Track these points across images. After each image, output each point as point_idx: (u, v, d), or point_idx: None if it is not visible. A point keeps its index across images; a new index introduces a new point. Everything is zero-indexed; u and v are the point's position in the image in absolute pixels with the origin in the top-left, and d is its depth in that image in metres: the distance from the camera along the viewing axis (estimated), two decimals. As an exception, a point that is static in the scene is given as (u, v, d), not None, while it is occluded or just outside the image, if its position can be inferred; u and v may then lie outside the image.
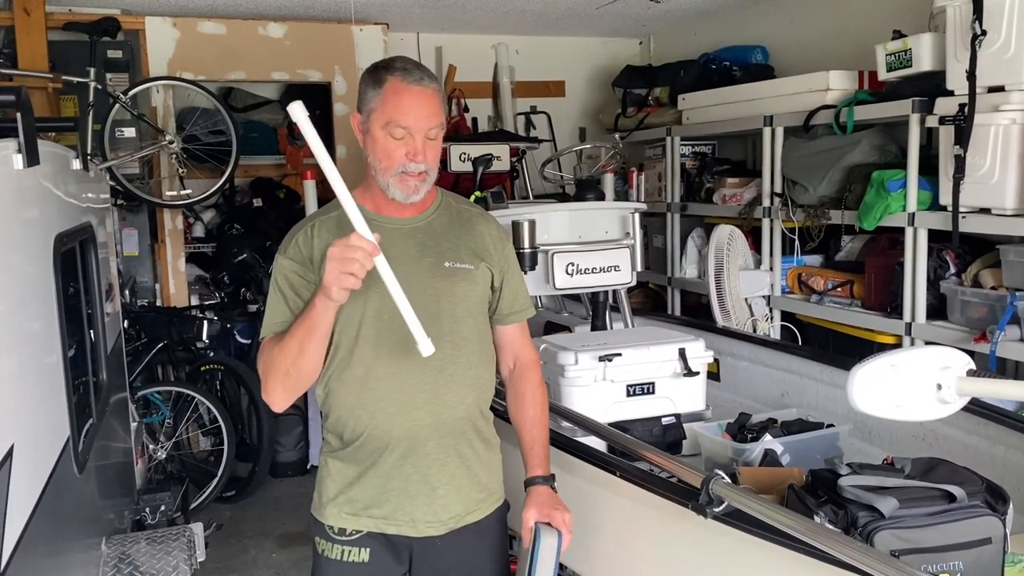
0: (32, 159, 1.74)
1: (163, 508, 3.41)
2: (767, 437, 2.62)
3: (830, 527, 1.70)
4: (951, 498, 1.77)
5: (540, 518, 1.84)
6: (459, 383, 1.83)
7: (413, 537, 1.84)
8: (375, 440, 1.81)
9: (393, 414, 1.79)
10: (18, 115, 1.69)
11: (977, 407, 2.44)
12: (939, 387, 1.41)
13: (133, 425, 3.67)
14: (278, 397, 1.77)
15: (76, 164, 2.49)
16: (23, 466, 1.52)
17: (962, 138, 3.19)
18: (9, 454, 1.44)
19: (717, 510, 1.70)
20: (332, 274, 1.56)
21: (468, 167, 4.30)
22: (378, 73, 1.80)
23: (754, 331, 4.07)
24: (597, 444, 2.44)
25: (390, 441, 1.81)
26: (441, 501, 1.84)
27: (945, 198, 3.34)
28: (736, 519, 1.73)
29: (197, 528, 2.82)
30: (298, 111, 1.50)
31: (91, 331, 2.60)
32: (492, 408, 1.95)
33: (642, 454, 2.08)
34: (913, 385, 1.41)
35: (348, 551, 1.83)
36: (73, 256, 2.37)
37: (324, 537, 1.85)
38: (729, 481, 1.71)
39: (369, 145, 1.80)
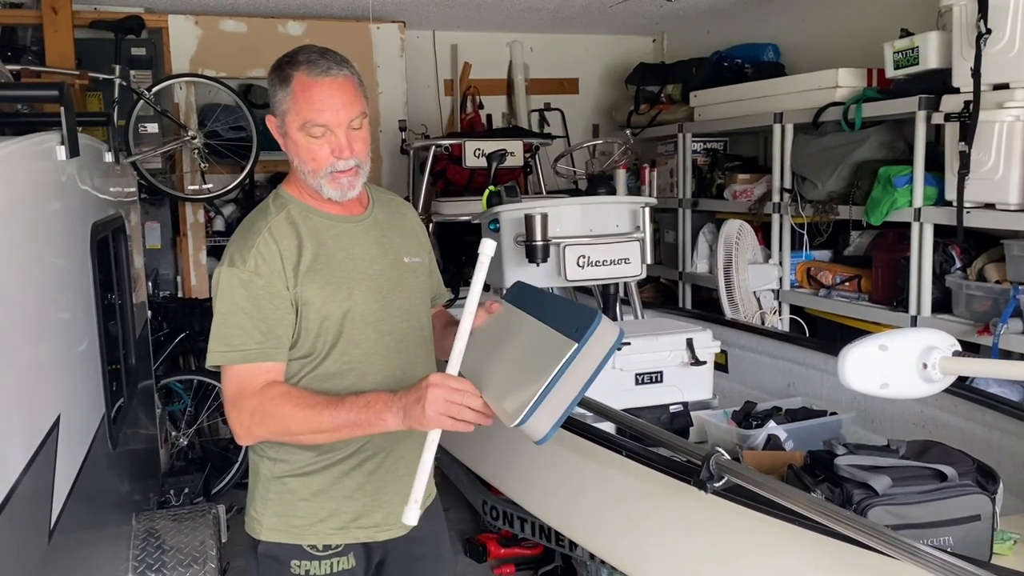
0: (73, 151, 1.85)
1: (187, 491, 3.53)
2: (771, 424, 2.70)
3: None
4: (943, 477, 1.85)
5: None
6: (428, 372, 1.75)
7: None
8: (372, 449, 1.76)
9: None
10: (61, 109, 1.80)
11: (975, 394, 2.52)
12: (925, 366, 1.49)
13: (157, 412, 3.79)
14: (253, 439, 1.66)
15: (109, 157, 2.60)
16: (67, 436, 1.63)
17: (967, 135, 3.24)
18: (56, 423, 1.54)
19: (717, 485, 1.78)
20: (436, 417, 1.46)
21: (483, 162, 4.38)
22: (283, 70, 1.66)
23: (762, 324, 4.14)
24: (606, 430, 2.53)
25: (392, 448, 1.77)
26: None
27: (951, 194, 3.39)
28: (736, 495, 1.82)
29: (221, 509, 2.92)
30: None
31: (121, 317, 2.71)
32: None
33: (649, 434, 2.17)
34: (901, 365, 1.49)
35: (337, 562, 1.75)
36: (106, 245, 2.48)
37: (304, 558, 1.74)
38: (729, 458, 1.79)
39: (291, 149, 1.69)
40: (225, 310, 1.63)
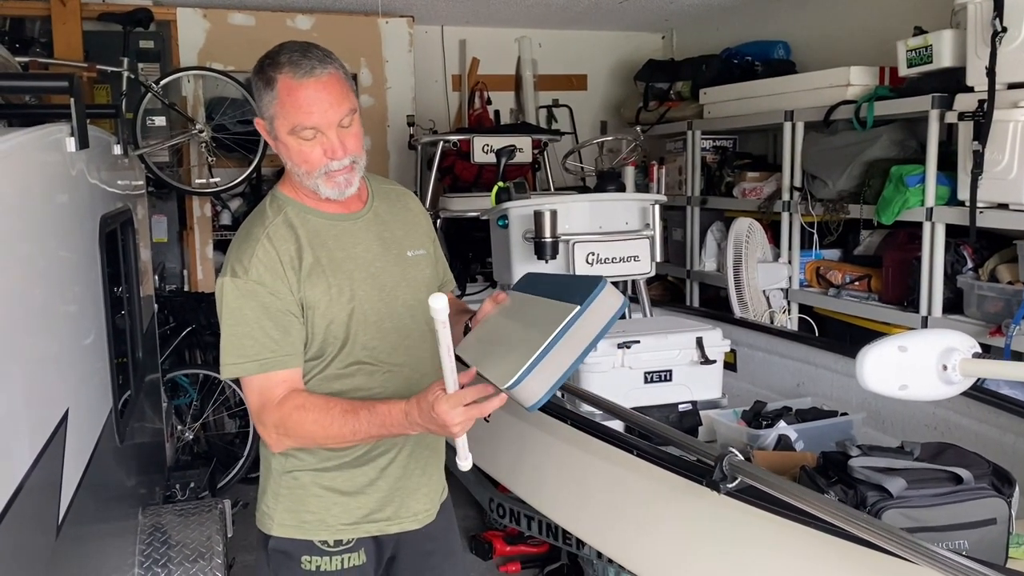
0: (83, 142, 1.83)
1: (192, 485, 3.53)
2: (781, 424, 2.69)
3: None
4: (958, 480, 1.83)
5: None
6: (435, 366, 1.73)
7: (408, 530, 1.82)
8: (385, 446, 1.76)
9: None
10: (71, 100, 1.78)
11: (989, 396, 2.50)
12: (944, 368, 1.47)
13: (163, 406, 3.78)
14: (285, 448, 1.68)
15: (117, 149, 2.59)
16: (75, 430, 1.62)
17: (981, 134, 3.21)
18: (65, 417, 1.53)
19: (730, 486, 1.76)
20: (461, 427, 1.45)
21: (491, 158, 4.36)
22: (265, 72, 1.62)
23: (771, 323, 4.12)
24: (615, 429, 2.51)
25: (404, 444, 1.77)
26: (433, 486, 1.86)
27: (963, 193, 3.37)
28: (749, 495, 1.80)
29: (227, 504, 2.92)
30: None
31: (128, 311, 2.70)
32: None
33: (659, 433, 2.15)
34: (920, 366, 1.47)
35: (348, 558, 1.75)
36: (115, 238, 2.47)
37: (315, 553, 1.74)
38: (742, 458, 1.77)
39: (282, 151, 1.66)
40: (234, 322, 1.63)
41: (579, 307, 1.33)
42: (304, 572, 1.74)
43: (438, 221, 4.46)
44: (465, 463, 1.49)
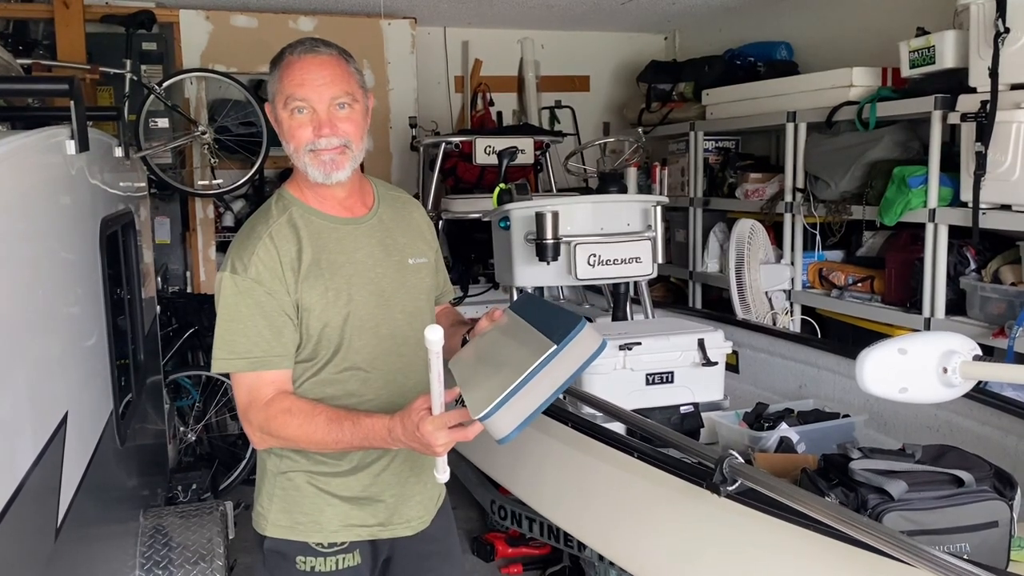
0: (83, 145, 1.84)
1: (194, 487, 3.53)
2: (783, 426, 2.68)
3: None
4: (959, 482, 1.82)
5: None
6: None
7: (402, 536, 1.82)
8: (378, 452, 1.75)
9: None
10: (72, 103, 1.79)
11: (991, 398, 2.49)
12: (945, 371, 1.47)
13: (165, 407, 3.79)
14: (267, 447, 1.70)
15: (119, 152, 2.59)
16: (75, 432, 1.62)
17: (984, 135, 3.20)
18: (64, 420, 1.53)
19: (731, 488, 1.76)
20: (444, 448, 1.47)
21: (493, 160, 4.36)
22: (277, 58, 1.69)
23: (774, 324, 4.11)
24: (616, 431, 2.51)
25: (398, 451, 1.75)
26: (428, 493, 1.86)
27: (966, 194, 3.36)
28: (750, 498, 1.79)
29: (229, 506, 2.91)
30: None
31: (130, 312, 2.70)
32: None
33: (660, 436, 2.15)
34: (920, 369, 1.47)
35: (342, 559, 1.75)
36: (116, 239, 2.47)
37: (309, 554, 1.74)
38: (743, 461, 1.77)
39: (280, 132, 1.68)
40: (229, 317, 1.63)
41: (555, 346, 1.34)
42: (299, 572, 1.74)
43: (440, 223, 4.46)
44: (443, 476, 1.53)
